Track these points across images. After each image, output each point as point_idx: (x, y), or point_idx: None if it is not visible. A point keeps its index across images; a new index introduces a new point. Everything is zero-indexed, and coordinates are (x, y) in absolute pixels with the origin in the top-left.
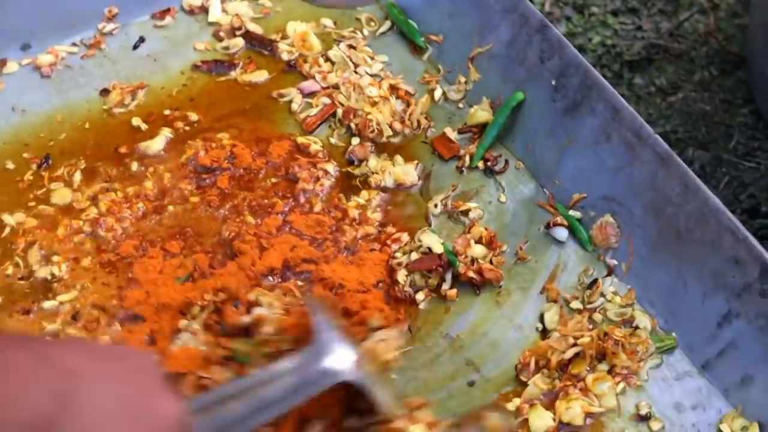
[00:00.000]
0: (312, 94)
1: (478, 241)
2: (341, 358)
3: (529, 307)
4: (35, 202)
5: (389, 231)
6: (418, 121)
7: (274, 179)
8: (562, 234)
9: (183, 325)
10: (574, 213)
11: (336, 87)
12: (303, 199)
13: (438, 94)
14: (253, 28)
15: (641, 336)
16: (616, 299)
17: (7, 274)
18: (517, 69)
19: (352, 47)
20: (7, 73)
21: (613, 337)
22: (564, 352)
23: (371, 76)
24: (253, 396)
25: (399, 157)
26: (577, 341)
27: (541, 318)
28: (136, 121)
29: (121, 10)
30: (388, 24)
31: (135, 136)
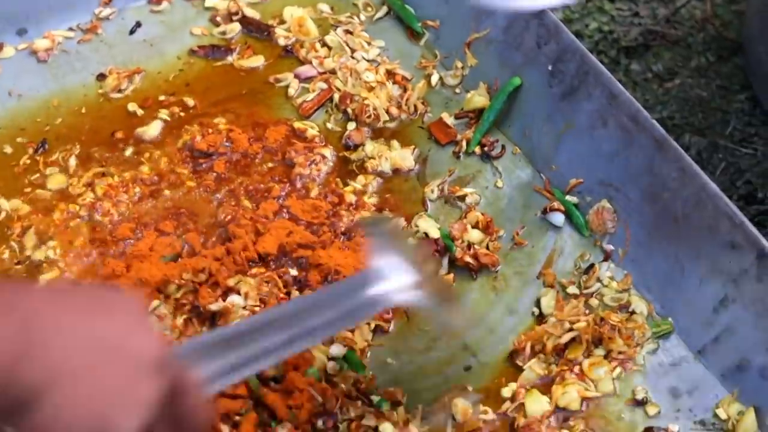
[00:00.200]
0: (309, 79)
1: (475, 226)
2: (393, 282)
3: (526, 292)
4: (31, 188)
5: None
6: (415, 107)
7: (271, 164)
8: (559, 219)
9: (153, 305)
10: (571, 198)
11: (333, 72)
12: (299, 183)
13: (435, 79)
14: (250, 13)
15: (637, 321)
16: (613, 284)
17: (3, 259)
18: (514, 54)
19: (348, 32)
20: (3, 58)
21: (610, 322)
22: (560, 337)
23: (368, 61)
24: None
25: (396, 142)
26: (573, 326)
27: (537, 303)
28: (132, 106)
29: None
30: (384, 9)
31: (131, 121)
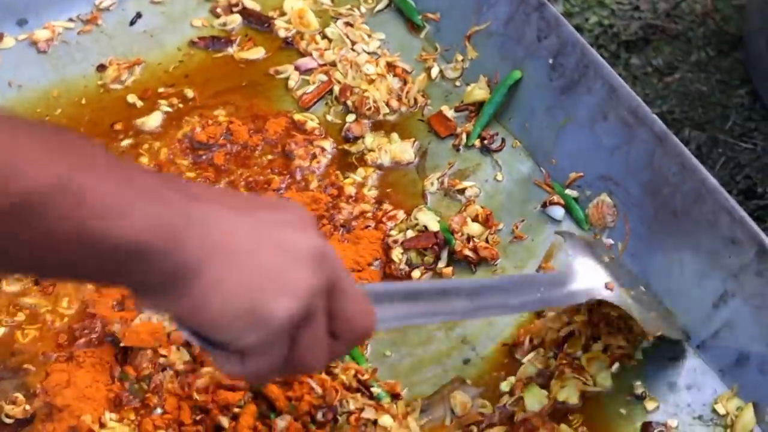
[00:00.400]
0: (309, 71)
1: (474, 219)
2: (589, 280)
3: None
4: None
5: (385, 208)
6: (415, 99)
7: (271, 156)
8: (559, 213)
9: None
10: (571, 192)
11: (333, 64)
12: (299, 176)
13: (435, 72)
14: (250, 4)
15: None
16: None
17: None
18: (514, 47)
19: (349, 24)
20: (3, 49)
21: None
22: (559, 331)
23: (368, 53)
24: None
25: (395, 135)
26: (572, 320)
27: None
28: (132, 98)
29: None
30: (385, 1)
31: (130, 112)
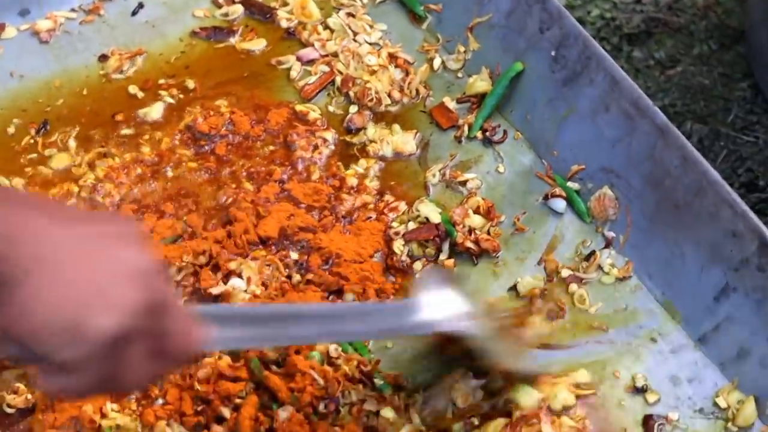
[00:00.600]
0: (311, 62)
1: (476, 211)
2: (440, 312)
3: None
4: (32, 167)
5: (387, 200)
6: (417, 90)
7: (272, 147)
8: (560, 205)
9: None
10: (572, 184)
11: (335, 55)
12: (301, 166)
13: (437, 63)
14: None
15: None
16: (614, 271)
17: None
18: (516, 39)
19: (351, 15)
20: (5, 39)
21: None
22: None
23: (370, 44)
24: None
25: (397, 126)
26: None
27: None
28: (133, 88)
29: None
30: None
31: (131, 103)
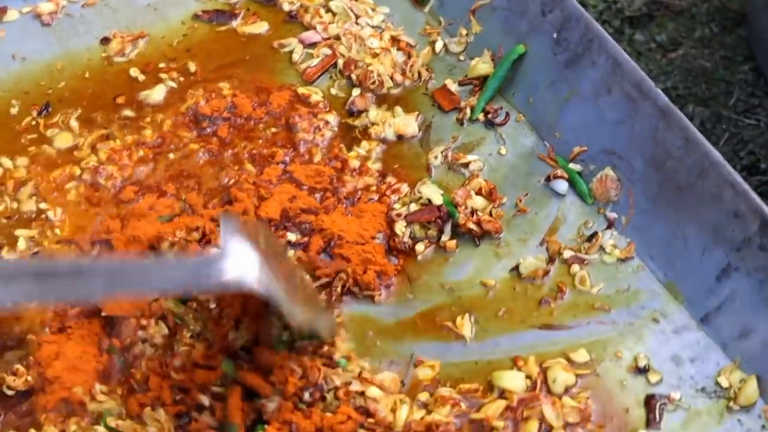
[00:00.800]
0: (313, 45)
1: (478, 192)
2: (239, 269)
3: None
4: (35, 147)
5: (389, 182)
6: (419, 73)
7: (274, 129)
8: (562, 187)
9: None
10: (575, 166)
11: (337, 38)
12: (303, 149)
13: (439, 46)
14: None
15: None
16: (615, 252)
17: None
18: (518, 21)
19: None
20: (7, 21)
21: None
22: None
23: (372, 27)
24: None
25: (399, 109)
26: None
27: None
28: (134, 71)
29: None
30: None
31: (133, 86)
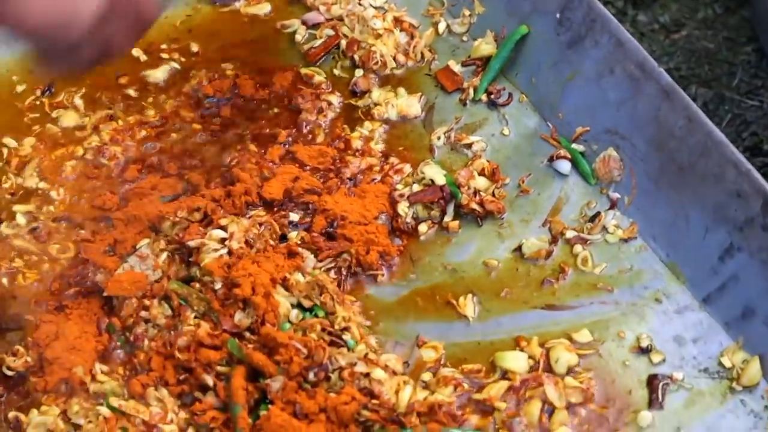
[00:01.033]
0: (316, 26)
1: (481, 173)
2: None
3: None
4: (38, 126)
5: (392, 162)
6: (422, 54)
7: (277, 109)
8: (565, 167)
9: (139, 245)
10: (577, 146)
11: (340, 19)
12: (306, 129)
13: (442, 27)
14: None
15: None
16: (618, 232)
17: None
18: (521, 2)
19: None
20: None
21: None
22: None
23: (375, 8)
24: None
25: (402, 90)
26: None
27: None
28: (137, 51)
29: None
30: None
31: (135, 66)
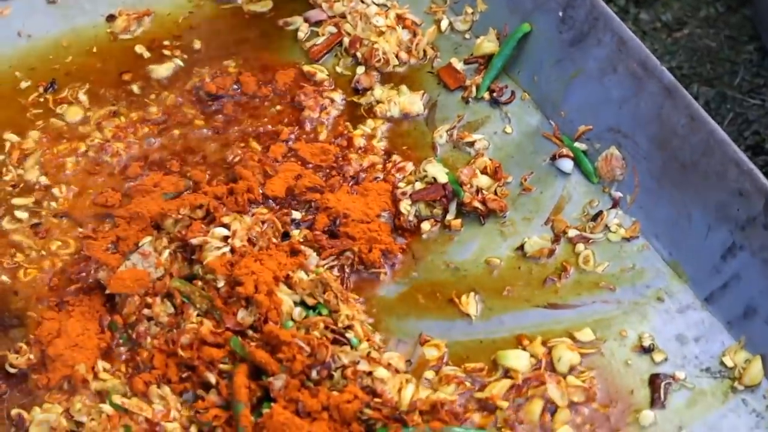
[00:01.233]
0: (318, 23)
1: (483, 171)
2: None
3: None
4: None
5: (394, 160)
6: (425, 51)
7: (280, 107)
8: (567, 166)
9: (142, 242)
10: (580, 145)
11: (342, 16)
12: (308, 127)
13: (444, 24)
14: None
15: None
16: (620, 231)
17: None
18: (524, 0)
19: None
20: None
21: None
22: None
23: (378, 5)
24: None
25: (405, 87)
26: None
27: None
28: (140, 48)
29: None
30: None
31: (138, 62)
